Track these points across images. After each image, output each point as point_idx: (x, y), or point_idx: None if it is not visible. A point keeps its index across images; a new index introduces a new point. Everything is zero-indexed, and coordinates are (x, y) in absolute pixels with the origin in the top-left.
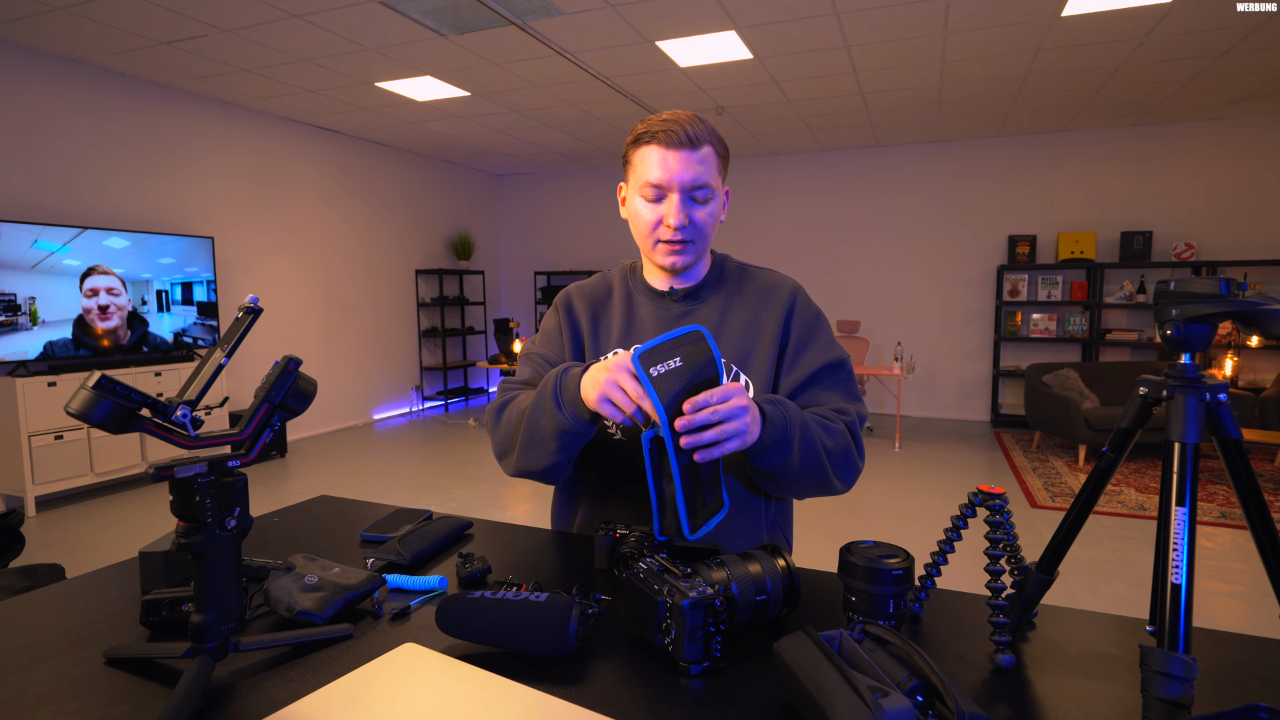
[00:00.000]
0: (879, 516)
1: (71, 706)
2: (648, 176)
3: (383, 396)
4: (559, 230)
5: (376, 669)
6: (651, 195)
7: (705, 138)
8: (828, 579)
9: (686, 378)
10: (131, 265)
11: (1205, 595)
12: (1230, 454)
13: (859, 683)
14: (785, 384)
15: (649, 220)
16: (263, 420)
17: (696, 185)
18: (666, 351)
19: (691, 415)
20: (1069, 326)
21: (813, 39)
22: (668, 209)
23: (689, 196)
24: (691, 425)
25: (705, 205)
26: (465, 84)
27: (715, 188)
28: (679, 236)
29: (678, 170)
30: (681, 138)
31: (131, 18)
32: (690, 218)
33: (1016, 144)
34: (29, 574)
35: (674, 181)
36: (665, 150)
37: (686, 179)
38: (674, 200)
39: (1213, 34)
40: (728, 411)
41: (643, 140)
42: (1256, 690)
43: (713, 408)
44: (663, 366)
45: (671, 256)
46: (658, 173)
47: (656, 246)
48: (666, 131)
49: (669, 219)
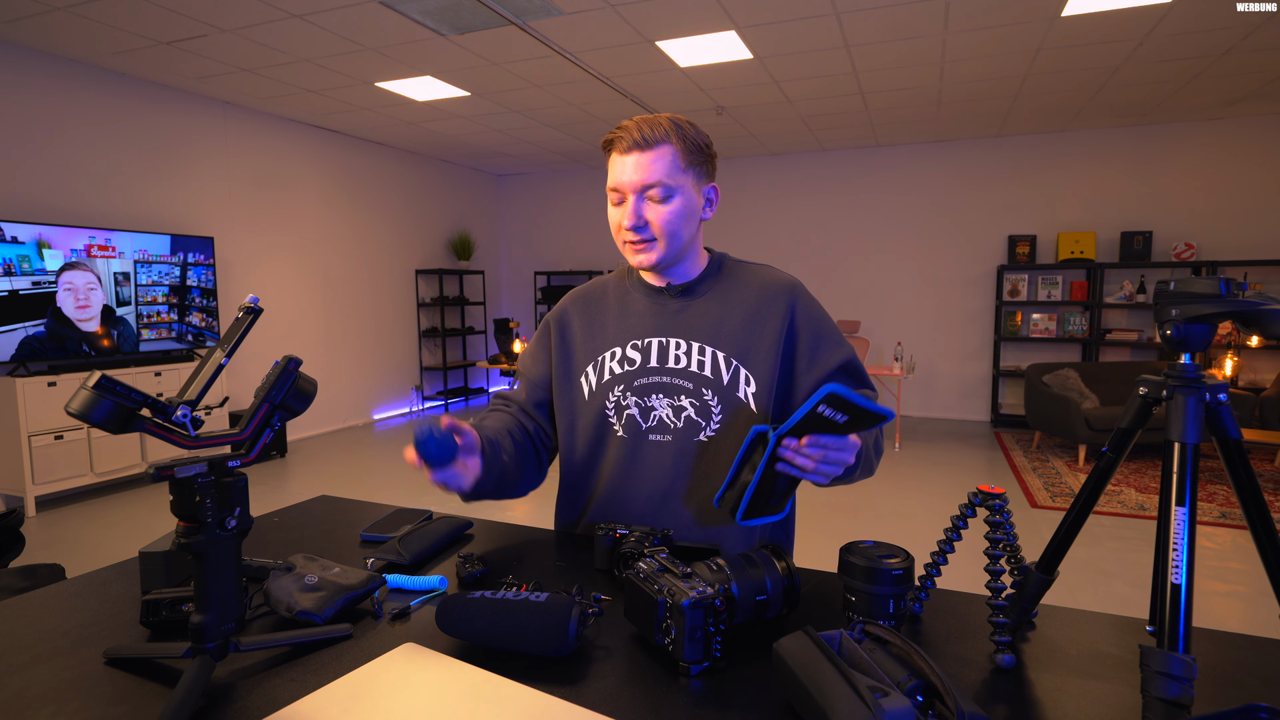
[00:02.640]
0: (879, 516)
1: (71, 706)
2: (610, 182)
3: (383, 396)
4: (559, 230)
5: (376, 669)
6: (615, 200)
7: (661, 138)
8: (828, 579)
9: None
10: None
11: (1205, 595)
12: (1230, 454)
13: (859, 683)
14: (807, 379)
15: (614, 223)
16: (263, 420)
17: (648, 185)
18: (846, 408)
19: (798, 448)
20: (1069, 326)
21: (813, 39)
22: (624, 211)
23: (642, 197)
24: (798, 450)
25: (664, 204)
26: (465, 84)
27: (674, 185)
28: (636, 236)
29: (629, 173)
30: (633, 141)
31: (131, 18)
32: (644, 217)
33: (1016, 144)
34: (29, 574)
35: (625, 184)
36: (620, 155)
37: (637, 180)
38: (629, 201)
39: (1213, 34)
40: (836, 458)
41: (606, 149)
42: (1256, 690)
43: (824, 450)
44: (832, 412)
45: (637, 255)
46: (613, 177)
47: (624, 247)
48: (620, 138)
49: (624, 219)
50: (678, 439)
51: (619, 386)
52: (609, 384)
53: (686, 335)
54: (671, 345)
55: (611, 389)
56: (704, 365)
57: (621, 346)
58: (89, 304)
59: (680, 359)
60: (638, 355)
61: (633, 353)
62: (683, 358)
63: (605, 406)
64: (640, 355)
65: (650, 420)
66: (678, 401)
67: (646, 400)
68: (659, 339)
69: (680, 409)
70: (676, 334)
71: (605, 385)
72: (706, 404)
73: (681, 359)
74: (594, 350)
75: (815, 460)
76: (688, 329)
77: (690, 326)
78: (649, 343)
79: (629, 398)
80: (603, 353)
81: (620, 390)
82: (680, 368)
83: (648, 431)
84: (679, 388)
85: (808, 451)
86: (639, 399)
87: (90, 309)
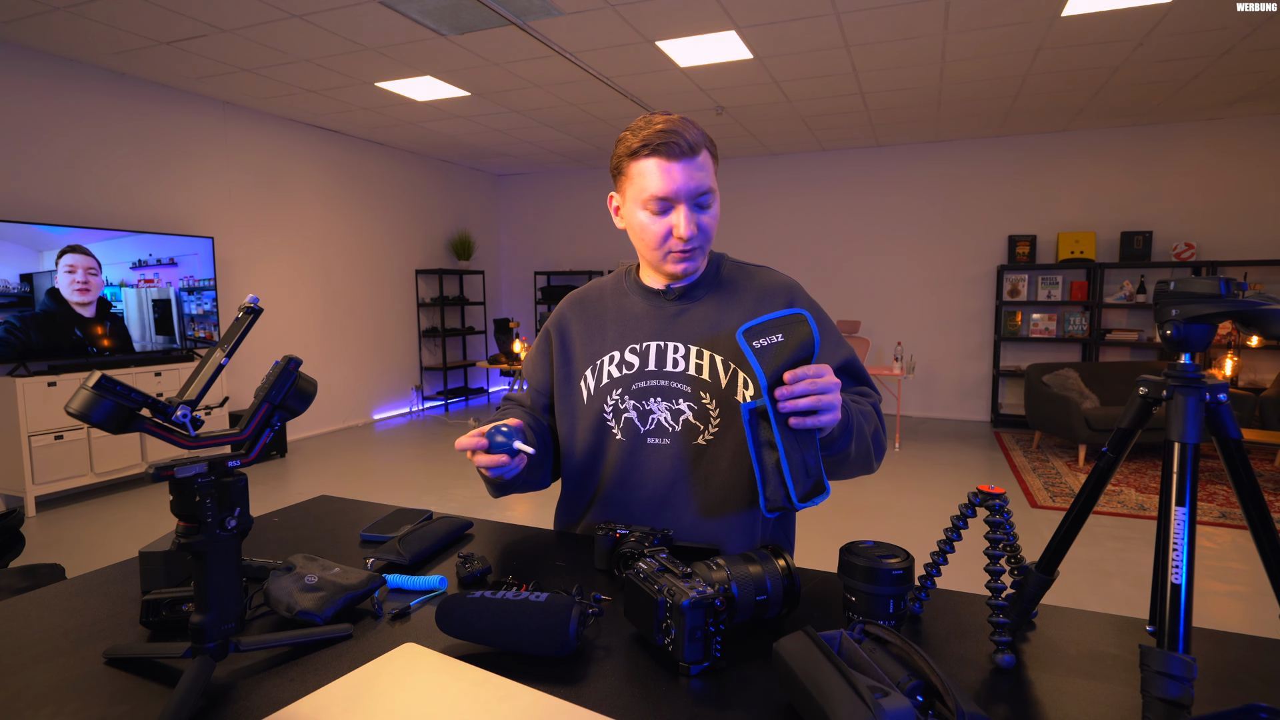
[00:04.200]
0: (879, 516)
1: (71, 706)
2: (651, 190)
3: (383, 396)
4: (559, 230)
5: (376, 669)
6: (657, 209)
7: (702, 142)
8: (828, 579)
9: (788, 355)
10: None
11: (1205, 595)
12: (1230, 454)
13: (859, 683)
14: None
15: (656, 233)
16: (263, 420)
17: (700, 193)
18: (770, 328)
19: (791, 385)
20: (1069, 326)
21: (813, 39)
22: (677, 221)
23: (694, 204)
24: (792, 394)
25: (709, 210)
26: (465, 84)
27: (715, 190)
28: (691, 246)
29: (682, 181)
30: (683, 147)
31: (131, 18)
32: (699, 226)
33: (1016, 144)
34: (29, 574)
35: (680, 193)
36: (668, 162)
37: (693, 188)
38: (682, 212)
39: (1213, 34)
40: (824, 385)
41: (641, 153)
42: (1256, 690)
43: (810, 380)
44: (765, 341)
45: (683, 264)
46: (663, 185)
47: (667, 258)
48: (667, 144)
49: (679, 230)
50: (676, 442)
51: (617, 390)
52: (607, 387)
53: (685, 339)
54: (670, 349)
55: (610, 392)
56: (702, 369)
57: (620, 350)
58: (89, 289)
59: (679, 363)
60: (636, 359)
61: (631, 357)
62: (681, 361)
63: (604, 410)
64: (638, 359)
65: (648, 424)
66: (676, 405)
67: (644, 404)
68: (657, 342)
69: (678, 412)
70: (675, 338)
71: (603, 389)
72: (705, 408)
73: (680, 363)
74: (593, 354)
75: (812, 392)
76: (686, 333)
77: (688, 330)
78: (647, 346)
79: (627, 401)
80: (601, 357)
81: (618, 394)
82: (678, 371)
83: (646, 435)
84: (677, 391)
85: (798, 390)
86: (637, 402)
87: (89, 294)
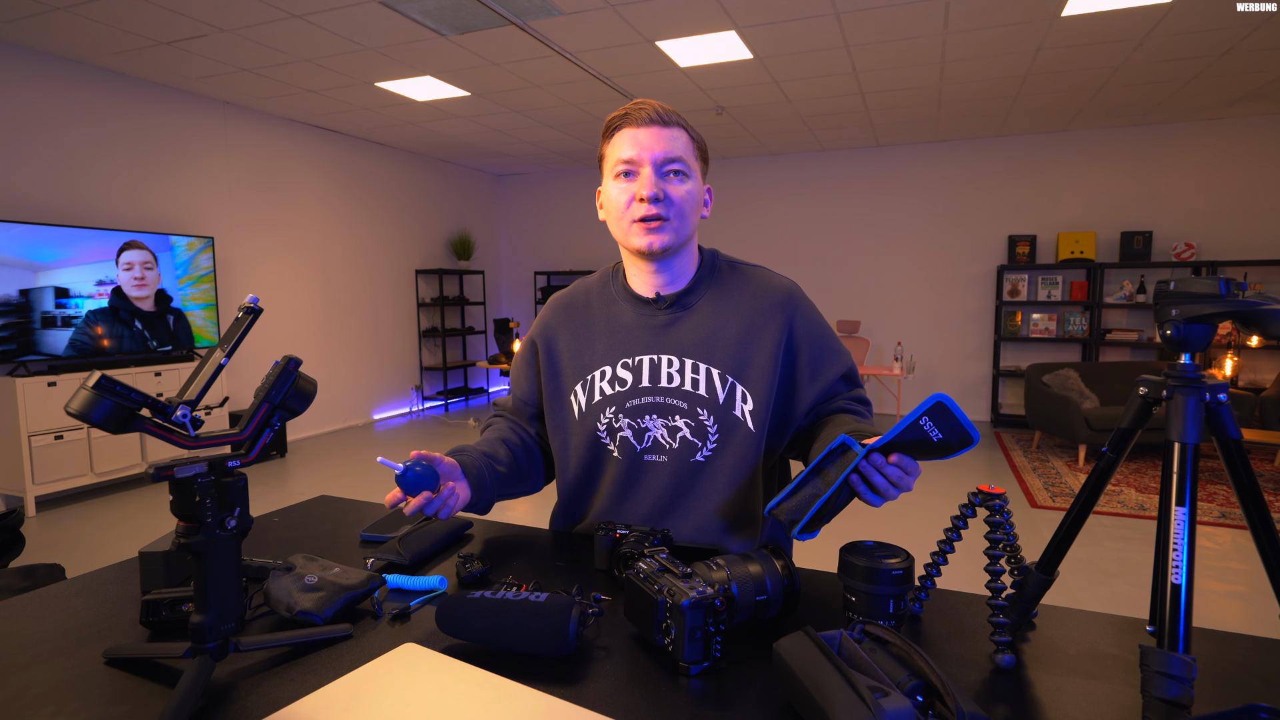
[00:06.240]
0: (879, 516)
1: (71, 706)
2: (619, 155)
3: (383, 396)
4: (559, 230)
5: (376, 669)
6: (623, 172)
7: (677, 120)
8: (828, 579)
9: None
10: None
11: (1205, 595)
12: (1230, 454)
13: (859, 683)
14: (810, 391)
15: (621, 201)
16: (263, 420)
17: (670, 159)
18: (947, 424)
19: (886, 465)
20: (1069, 326)
21: (813, 39)
22: (640, 182)
23: (662, 171)
24: (883, 469)
25: (682, 183)
26: (465, 84)
27: (691, 168)
28: (654, 210)
29: (648, 144)
30: (652, 116)
31: (131, 18)
32: (665, 192)
33: (1016, 144)
34: (29, 574)
35: (644, 156)
36: (636, 129)
37: (658, 153)
38: (646, 173)
39: (1213, 34)
40: (906, 484)
41: (613, 126)
42: (1256, 690)
43: (903, 475)
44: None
45: (649, 236)
46: (629, 150)
47: (631, 228)
48: (635, 111)
49: (641, 190)
50: (674, 459)
51: (610, 408)
52: (600, 405)
53: (679, 352)
54: (663, 363)
55: (603, 410)
56: (698, 384)
57: (611, 365)
58: (145, 282)
59: (673, 378)
60: (629, 375)
61: (623, 372)
62: (676, 376)
63: (597, 428)
64: (631, 375)
65: (645, 441)
66: (672, 422)
67: (640, 421)
68: (650, 356)
69: (675, 429)
70: (668, 350)
71: (596, 406)
72: (702, 424)
73: (675, 377)
74: (582, 369)
75: (892, 482)
76: (680, 345)
77: (682, 342)
78: (640, 361)
79: (621, 419)
80: (591, 371)
81: (612, 412)
82: (674, 387)
83: (643, 453)
84: (673, 408)
85: (888, 472)
86: (632, 420)
87: (146, 288)
